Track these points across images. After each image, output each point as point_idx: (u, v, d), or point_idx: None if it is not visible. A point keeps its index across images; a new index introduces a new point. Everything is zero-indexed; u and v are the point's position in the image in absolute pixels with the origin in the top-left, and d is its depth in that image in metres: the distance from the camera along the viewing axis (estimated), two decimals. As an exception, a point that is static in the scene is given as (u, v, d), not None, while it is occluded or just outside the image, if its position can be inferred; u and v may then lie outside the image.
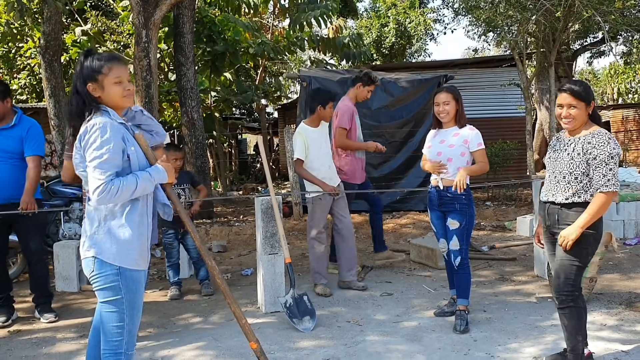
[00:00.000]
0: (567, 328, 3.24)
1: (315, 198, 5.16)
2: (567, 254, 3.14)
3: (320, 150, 5.16)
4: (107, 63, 2.54)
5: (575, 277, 3.16)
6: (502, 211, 9.60)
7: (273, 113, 26.28)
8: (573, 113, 3.13)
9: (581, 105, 3.11)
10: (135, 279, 2.58)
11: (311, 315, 4.31)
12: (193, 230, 2.89)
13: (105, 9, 14.04)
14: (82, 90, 2.53)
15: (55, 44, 8.08)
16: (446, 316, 4.38)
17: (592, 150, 3.06)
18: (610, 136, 3.11)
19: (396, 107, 9.53)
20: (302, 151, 5.07)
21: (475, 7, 10.27)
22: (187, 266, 5.93)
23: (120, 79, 2.55)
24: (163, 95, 12.66)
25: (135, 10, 8.06)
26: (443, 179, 4.18)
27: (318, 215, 5.18)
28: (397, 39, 21.45)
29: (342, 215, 5.25)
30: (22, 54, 13.54)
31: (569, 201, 3.15)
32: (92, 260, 2.51)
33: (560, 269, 3.19)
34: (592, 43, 16.03)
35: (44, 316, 4.61)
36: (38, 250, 4.57)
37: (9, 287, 4.66)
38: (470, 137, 4.16)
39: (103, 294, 2.54)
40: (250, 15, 14.78)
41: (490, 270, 5.91)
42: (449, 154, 4.16)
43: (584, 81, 3.32)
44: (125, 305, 2.54)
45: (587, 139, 3.11)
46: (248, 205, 11.44)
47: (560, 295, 3.19)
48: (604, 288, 5.01)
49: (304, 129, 5.19)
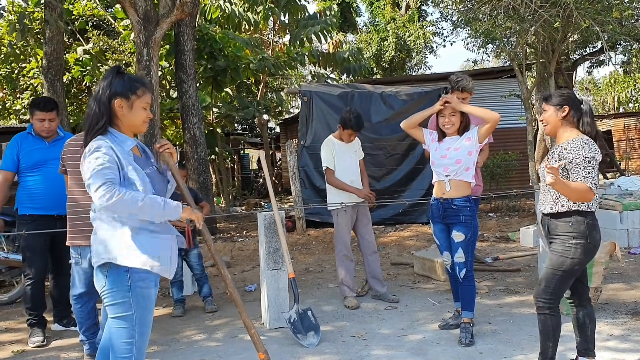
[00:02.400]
0: (540, 332, 3.31)
1: (339, 210, 5.20)
2: (552, 262, 3.20)
3: (344, 163, 5.22)
4: (142, 86, 2.64)
5: (555, 286, 3.20)
6: (505, 222, 9.58)
7: (275, 128, 26.37)
8: (545, 116, 3.31)
9: (550, 108, 3.28)
10: (147, 296, 2.58)
11: (315, 331, 4.29)
12: (209, 239, 2.91)
13: (107, 28, 14.15)
14: (105, 104, 2.56)
15: (57, 64, 8.14)
16: (451, 329, 4.36)
17: (568, 155, 3.13)
18: (587, 141, 3.14)
19: (397, 120, 9.48)
20: (331, 161, 5.19)
21: (473, 20, 10.33)
22: (190, 283, 5.91)
23: (148, 106, 2.66)
24: (165, 112, 12.73)
25: (136, 29, 8.13)
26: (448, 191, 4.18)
27: (342, 227, 5.23)
28: (397, 52, 21.58)
29: (363, 232, 5.33)
30: (24, 74, 13.64)
31: (553, 211, 3.21)
32: (104, 273, 2.51)
33: (543, 276, 3.27)
34: (592, 53, 16.09)
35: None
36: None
37: (43, 306, 4.63)
38: (471, 133, 4.19)
39: (114, 309, 2.55)
40: (250, 31, 14.89)
41: (494, 281, 5.89)
42: (456, 156, 4.15)
43: (564, 90, 3.41)
44: (135, 322, 2.55)
45: (564, 145, 3.19)
46: (251, 220, 11.44)
47: (537, 301, 3.27)
48: (609, 298, 4.99)
49: (331, 140, 5.31)
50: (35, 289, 4.53)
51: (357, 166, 5.34)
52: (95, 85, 11.18)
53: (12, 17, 9.94)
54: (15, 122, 15.71)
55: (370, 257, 5.32)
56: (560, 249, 3.17)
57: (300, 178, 9.35)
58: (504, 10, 8.85)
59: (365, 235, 5.34)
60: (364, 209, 5.33)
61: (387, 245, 8.12)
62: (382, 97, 9.73)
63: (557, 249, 3.19)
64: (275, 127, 26.39)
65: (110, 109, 2.56)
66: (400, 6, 24.59)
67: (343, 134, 5.26)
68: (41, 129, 4.44)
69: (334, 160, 5.20)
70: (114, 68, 2.68)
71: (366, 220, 5.34)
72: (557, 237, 3.21)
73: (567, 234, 3.15)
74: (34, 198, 4.43)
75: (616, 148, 19.99)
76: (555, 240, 3.23)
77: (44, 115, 4.42)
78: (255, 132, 23.88)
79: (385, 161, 9.61)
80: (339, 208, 5.21)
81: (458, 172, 4.14)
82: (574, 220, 3.14)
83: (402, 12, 24.01)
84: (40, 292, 4.58)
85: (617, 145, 20.23)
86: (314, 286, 6.07)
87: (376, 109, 9.64)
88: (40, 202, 4.42)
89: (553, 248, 3.23)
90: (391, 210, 9.56)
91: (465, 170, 4.14)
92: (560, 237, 3.18)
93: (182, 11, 8.20)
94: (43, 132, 4.45)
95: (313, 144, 9.36)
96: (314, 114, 9.56)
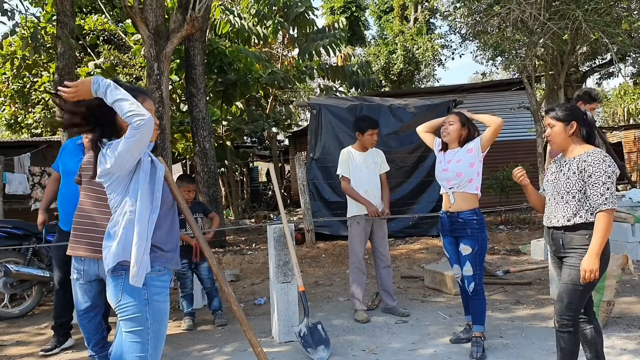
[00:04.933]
0: (562, 350, 3.23)
1: (353, 222, 5.22)
2: (572, 278, 3.11)
3: (360, 173, 5.23)
4: (141, 94, 2.65)
5: (578, 302, 3.14)
6: (515, 235, 9.52)
7: (284, 141, 26.42)
8: (552, 132, 3.27)
9: (558, 124, 3.23)
10: (163, 310, 2.58)
11: (326, 345, 4.27)
12: (211, 257, 2.90)
13: (118, 43, 14.31)
14: (110, 119, 2.57)
15: (68, 78, 8.22)
16: (462, 343, 4.33)
17: (588, 168, 3.09)
18: (606, 155, 3.12)
19: (406, 132, 9.56)
20: (347, 170, 5.22)
21: (482, 32, 10.36)
22: (200, 296, 5.91)
23: (151, 112, 2.65)
24: (175, 126, 12.82)
25: (147, 43, 8.22)
26: (453, 204, 4.18)
27: (356, 239, 5.24)
28: (405, 65, 21.63)
29: (378, 245, 5.33)
30: (36, 89, 13.80)
31: (571, 223, 3.13)
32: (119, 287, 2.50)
33: (564, 292, 3.17)
34: (601, 64, 16.06)
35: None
36: None
37: (67, 314, 4.64)
38: (473, 142, 4.22)
39: (129, 324, 2.53)
40: (260, 46, 15.01)
41: (505, 294, 5.85)
42: (457, 168, 4.17)
43: (569, 104, 3.38)
44: (150, 336, 2.54)
45: (583, 157, 3.14)
46: (260, 233, 11.44)
47: (561, 319, 3.17)
48: (622, 311, 4.93)
49: (349, 150, 5.35)
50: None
51: (376, 178, 5.31)
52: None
53: (24, 32, 10.07)
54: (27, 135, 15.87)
55: (383, 270, 5.30)
56: (579, 263, 3.08)
57: (310, 190, 9.36)
58: (513, 23, 8.87)
59: (379, 248, 5.33)
60: (380, 221, 5.32)
61: (397, 258, 8.09)
62: (390, 109, 9.75)
63: (576, 263, 3.10)
64: (284, 139, 26.46)
65: (115, 123, 2.56)
66: (408, 19, 24.70)
67: (365, 139, 5.25)
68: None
69: (349, 169, 5.22)
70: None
71: (382, 233, 5.34)
72: (574, 250, 3.13)
73: (584, 247, 3.08)
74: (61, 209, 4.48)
75: (627, 160, 19.85)
76: (570, 254, 3.15)
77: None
78: (264, 144, 23.94)
79: (395, 173, 9.59)
80: (353, 220, 5.22)
81: (460, 184, 4.15)
82: (591, 233, 3.07)
83: (411, 25, 24.11)
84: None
85: (627, 157, 20.08)
86: (324, 299, 6.05)
87: (385, 121, 9.66)
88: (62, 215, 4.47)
89: (570, 262, 3.14)
90: (401, 223, 9.55)
91: (468, 182, 4.15)
92: (577, 251, 3.11)
93: (192, 26, 8.29)
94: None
95: (322, 156, 9.39)
96: (323, 127, 9.60)
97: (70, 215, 4.24)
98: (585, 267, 3.02)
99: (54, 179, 4.70)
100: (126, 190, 2.53)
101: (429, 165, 9.44)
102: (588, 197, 3.09)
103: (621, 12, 9.38)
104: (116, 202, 2.55)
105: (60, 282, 4.51)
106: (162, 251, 2.59)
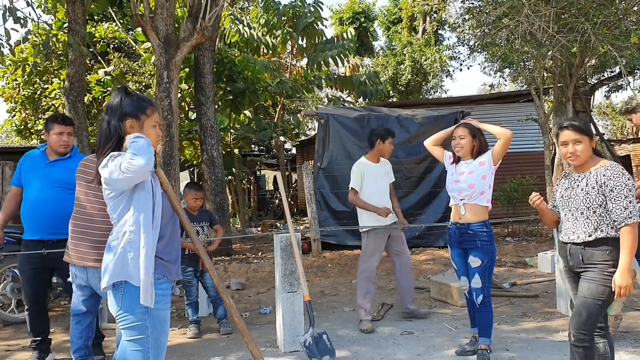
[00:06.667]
0: None
1: (370, 231, 5.22)
2: (592, 292, 3.07)
3: (376, 184, 5.27)
4: (150, 106, 2.67)
5: (596, 316, 3.10)
6: (522, 247, 9.48)
7: (291, 149, 26.48)
8: (579, 149, 3.14)
9: (585, 139, 3.13)
10: (163, 318, 2.59)
11: (331, 355, 4.26)
12: (211, 268, 2.91)
13: (128, 51, 14.41)
14: (117, 125, 2.58)
15: (79, 85, 8.30)
16: (468, 355, 4.31)
17: (608, 182, 3.04)
18: (623, 168, 3.11)
19: (413, 143, 9.55)
20: (358, 182, 5.24)
21: (490, 44, 10.35)
22: (206, 304, 5.92)
23: (157, 124, 2.70)
24: (183, 134, 12.87)
25: (157, 52, 8.28)
26: (463, 216, 4.18)
27: (370, 250, 5.26)
28: (413, 76, 21.66)
29: (399, 251, 5.40)
30: (47, 95, 13.90)
31: (592, 238, 3.09)
32: (119, 296, 2.50)
33: (582, 307, 3.11)
34: (610, 77, 16.01)
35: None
36: None
37: (46, 329, 4.49)
38: (485, 155, 4.22)
39: (129, 332, 2.54)
40: (269, 55, 15.09)
41: (512, 307, 5.82)
42: (470, 180, 4.17)
43: (582, 116, 3.34)
44: (151, 345, 2.54)
45: (601, 171, 3.09)
46: (267, 241, 11.45)
47: (578, 334, 3.12)
48: (629, 326, 4.90)
49: (363, 162, 5.38)
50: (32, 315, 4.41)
51: (388, 188, 5.41)
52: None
53: (36, 39, 10.18)
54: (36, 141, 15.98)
55: (409, 274, 5.41)
56: (600, 277, 3.05)
57: (317, 200, 9.36)
58: (522, 36, 8.87)
59: (404, 253, 5.42)
60: (397, 230, 5.38)
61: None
62: (398, 120, 9.76)
63: (596, 277, 3.06)
64: (291, 148, 26.52)
65: (121, 130, 2.57)
66: (417, 31, 24.76)
67: (386, 146, 5.32)
68: (58, 143, 4.33)
69: (363, 181, 5.24)
70: (120, 89, 2.68)
71: (401, 240, 5.42)
72: (594, 265, 3.09)
73: (606, 262, 3.05)
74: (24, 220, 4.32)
75: (635, 173, 19.74)
76: (590, 269, 3.10)
77: (63, 128, 4.34)
78: (271, 153, 24.01)
79: (402, 184, 9.59)
80: (371, 230, 5.24)
81: (472, 196, 4.15)
82: (612, 248, 3.05)
83: (419, 36, 24.17)
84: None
85: (636, 170, 19.99)
86: (330, 309, 6.04)
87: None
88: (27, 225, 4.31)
89: (590, 277, 3.10)
90: (407, 233, 9.45)
91: (479, 194, 4.15)
92: (598, 266, 3.08)
93: (202, 35, 8.35)
94: (61, 146, 4.34)
95: (329, 165, 9.40)
96: (331, 136, 9.61)
97: (36, 222, 4.23)
98: (619, 284, 2.98)
99: (13, 195, 4.50)
100: (127, 207, 2.52)
101: (436, 176, 9.42)
102: (610, 211, 3.05)
103: (630, 25, 9.37)
104: (115, 214, 2.55)
105: (31, 298, 4.37)
106: (162, 260, 2.59)
